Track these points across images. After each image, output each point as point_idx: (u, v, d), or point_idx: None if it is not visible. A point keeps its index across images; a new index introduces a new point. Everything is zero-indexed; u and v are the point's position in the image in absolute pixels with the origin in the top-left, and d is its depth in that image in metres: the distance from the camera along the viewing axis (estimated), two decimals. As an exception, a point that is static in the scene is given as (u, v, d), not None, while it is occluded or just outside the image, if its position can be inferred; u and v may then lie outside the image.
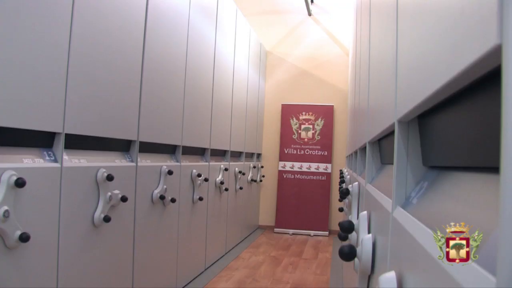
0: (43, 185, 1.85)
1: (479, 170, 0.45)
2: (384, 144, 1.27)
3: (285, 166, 6.63)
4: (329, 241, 6.04)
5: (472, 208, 0.42)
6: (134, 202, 2.66)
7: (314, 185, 6.52)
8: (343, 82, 6.53)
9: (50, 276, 1.91)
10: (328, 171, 6.52)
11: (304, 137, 6.60)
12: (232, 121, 4.99)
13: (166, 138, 3.16)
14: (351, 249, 0.94)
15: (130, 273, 2.65)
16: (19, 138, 1.80)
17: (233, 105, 5.00)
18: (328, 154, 6.54)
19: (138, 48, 2.66)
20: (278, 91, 6.81)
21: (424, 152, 0.69)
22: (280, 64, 6.84)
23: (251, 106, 5.93)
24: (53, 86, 1.90)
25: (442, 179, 0.58)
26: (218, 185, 4.44)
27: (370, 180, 1.40)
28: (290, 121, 6.64)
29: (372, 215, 1.07)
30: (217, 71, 4.29)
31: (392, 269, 0.59)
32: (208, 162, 4.13)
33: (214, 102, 4.22)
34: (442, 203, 0.52)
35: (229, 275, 4.14)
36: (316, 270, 4.49)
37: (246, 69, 5.56)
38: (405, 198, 0.70)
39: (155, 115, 2.92)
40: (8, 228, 1.61)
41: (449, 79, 0.39)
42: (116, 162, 2.48)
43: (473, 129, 0.46)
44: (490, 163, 0.40)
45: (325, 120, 6.56)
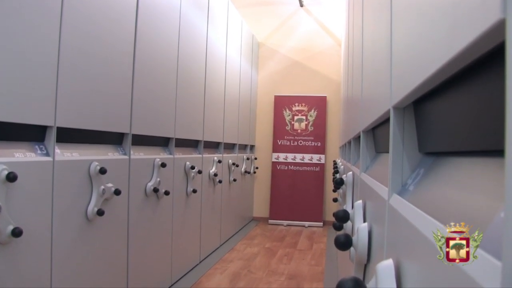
0: (35, 179, 1.84)
1: (476, 154, 0.44)
2: (379, 132, 1.26)
3: (278, 157, 6.62)
4: (324, 232, 6.05)
5: (470, 192, 0.41)
6: (128, 195, 2.64)
7: (308, 176, 6.53)
8: (336, 73, 6.53)
9: (44, 270, 1.90)
10: (321, 162, 6.52)
11: (297, 128, 6.60)
12: (225, 113, 4.98)
13: (159, 131, 3.14)
14: (347, 238, 0.93)
15: (124, 266, 2.64)
16: (10, 132, 1.78)
17: (226, 97, 4.99)
18: (321, 145, 6.54)
19: (129, 40, 2.63)
20: (271, 82, 6.79)
21: (420, 138, 0.68)
22: (273, 55, 6.82)
23: (244, 98, 5.92)
24: (43, 79, 1.88)
25: (439, 165, 0.57)
26: (211, 177, 4.43)
27: (364, 169, 1.39)
28: (283, 112, 6.63)
29: (367, 204, 1.06)
30: (209, 63, 4.27)
31: (389, 257, 0.58)
32: (202, 154, 4.11)
33: (207, 94, 4.20)
34: (440, 189, 0.51)
35: (224, 267, 4.14)
36: (311, 261, 4.49)
37: (238, 61, 5.54)
38: (401, 185, 0.69)
39: (147, 108, 2.90)
40: (0, 223, 1.60)
41: (447, 60, 0.38)
42: (109, 155, 2.47)
43: (470, 113, 0.45)
44: (488, 147, 0.39)
45: (318, 111, 6.56)
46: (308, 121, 6.58)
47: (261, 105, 6.83)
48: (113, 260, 2.51)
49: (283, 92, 6.69)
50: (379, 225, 0.79)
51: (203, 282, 3.65)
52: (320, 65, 6.64)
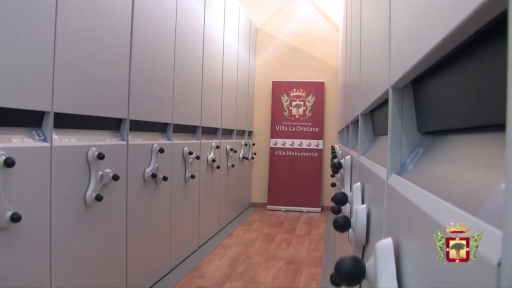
0: (33, 165, 1.84)
1: (475, 131, 0.44)
2: (377, 115, 1.25)
3: (276, 143, 6.62)
4: (322, 218, 6.07)
5: (470, 167, 0.41)
6: (126, 181, 2.64)
7: (306, 162, 6.53)
8: (334, 58, 6.51)
9: (43, 256, 1.91)
10: (319, 147, 6.52)
11: (295, 114, 6.59)
12: (223, 99, 4.97)
13: (157, 116, 3.14)
14: (346, 220, 0.93)
15: (123, 252, 2.65)
16: (7, 118, 1.77)
17: (224, 83, 4.97)
18: (319, 130, 6.53)
19: (126, 25, 2.62)
20: (269, 68, 6.77)
21: (419, 118, 0.68)
22: (270, 41, 6.79)
23: (242, 83, 5.90)
24: (40, 64, 1.87)
25: (438, 144, 0.57)
26: (210, 163, 4.43)
27: (363, 153, 1.39)
28: (281, 98, 6.62)
29: (366, 186, 1.06)
30: (207, 49, 4.25)
31: (388, 237, 0.58)
32: (200, 140, 4.11)
33: (204, 80, 4.19)
34: (439, 166, 0.51)
35: (222, 252, 4.15)
36: (309, 246, 4.51)
37: (236, 46, 5.52)
38: (400, 165, 0.69)
39: (145, 93, 2.89)
40: (-2, 209, 1.60)
41: (447, 33, 0.38)
42: (106, 141, 2.46)
43: (470, 89, 0.45)
44: (488, 122, 0.39)
45: (316, 96, 6.55)
46: (306, 107, 6.57)
47: (259, 90, 6.81)
48: (112, 245, 2.52)
49: (281, 77, 6.67)
50: (378, 206, 0.79)
51: (202, 267, 3.67)
52: (318, 51, 6.62)
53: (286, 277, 3.49)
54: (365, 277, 0.58)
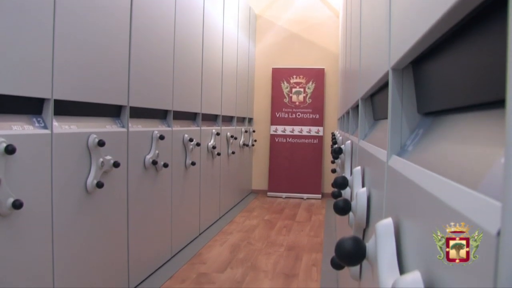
0: (34, 152, 1.84)
1: (475, 109, 0.44)
2: (377, 99, 1.25)
3: (276, 130, 6.62)
4: (322, 204, 6.09)
5: (470, 145, 0.41)
6: (127, 168, 2.65)
7: (306, 149, 6.54)
8: (334, 44, 6.48)
9: (45, 242, 1.91)
10: (320, 134, 6.52)
11: (295, 100, 6.58)
12: (223, 86, 4.96)
13: (157, 103, 3.14)
14: (346, 203, 0.94)
15: (125, 238, 2.66)
16: (7, 105, 1.77)
17: (223, 70, 4.96)
18: (319, 117, 6.53)
19: (125, 12, 2.61)
20: (269, 55, 6.75)
21: (419, 99, 0.68)
22: (270, 27, 6.76)
23: (242, 70, 5.89)
24: (39, 50, 1.87)
25: (438, 124, 0.57)
26: (210, 150, 4.43)
27: (363, 137, 1.39)
28: (281, 85, 6.61)
29: (366, 169, 1.06)
30: (206, 36, 4.24)
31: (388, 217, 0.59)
32: (200, 127, 4.11)
33: (204, 67, 4.18)
34: (439, 145, 0.51)
35: (223, 239, 4.17)
36: (310, 232, 4.53)
37: (235, 33, 5.50)
38: (400, 147, 0.69)
39: (144, 80, 2.89)
40: (0, 196, 1.60)
41: (445, 11, 0.38)
42: (107, 127, 2.46)
43: (469, 67, 0.45)
44: (488, 98, 0.39)
45: (316, 83, 6.53)
46: (306, 94, 6.57)
47: (259, 77, 6.80)
48: (113, 232, 2.53)
49: (281, 64, 6.65)
50: (378, 188, 0.79)
51: (203, 253, 3.69)
52: (318, 37, 6.60)
53: (287, 263, 3.50)
54: (365, 257, 0.59)
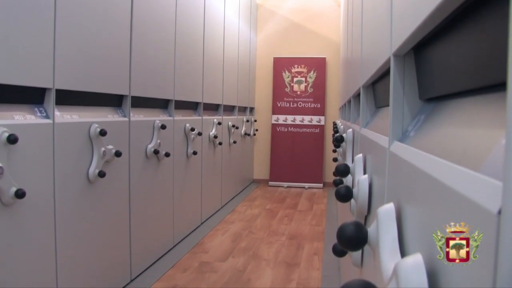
0: (35, 141, 1.84)
1: (477, 93, 0.44)
2: (379, 87, 1.25)
3: (278, 119, 6.62)
4: (324, 193, 6.10)
5: (472, 128, 0.41)
6: (128, 157, 2.65)
7: (307, 138, 6.54)
8: (335, 33, 6.46)
9: (47, 231, 1.92)
10: (321, 123, 6.52)
11: (296, 90, 6.57)
12: (224, 75, 4.95)
13: (158, 93, 3.14)
14: (347, 190, 0.94)
15: (127, 228, 2.67)
16: (9, 95, 1.77)
17: (225, 59, 4.95)
18: (321, 106, 6.53)
19: (127, 2, 2.60)
20: (270, 44, 6.74)
21: (421, 85, 0.68)
22: (271, 17, 6.74)
23: (243, 60, 5.88)
24: (40, 40, 1.87)
25: (440, 110, 0.57)
26: (211, 139, 4.44)
27: (365, 125, 1.39)
28: (282, 74, 6.60)
29: (367, 157, 1.07)
30: (208, 25, 4.22)
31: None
32: (201, 116, 4.11)
33: (206, 56, 4.17)
34: (441, 130, 0.51)
35: (225, 228, 4.18)
36: (312, 221, 4.54)
37: (237, 23, 5.48)
38: (402, 133, 0.69)
39: (146, 69, 2.88)
40: (3, 185, 1.61)
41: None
42: (108, 117, 2.46)
43: (470, 51, 0.45)
44: (489, 82, 0.39)
45: (318, 72, 6.52)
46: (307, 83, 6.56)
47: (260, 67, 6.79)
48: (115, 221, 2.54)
49: (282, 53, 6.64)
50: (380, 175, 0.80)
51: (205, 242, 3.70)
52: (319, 26, 6.58)
53: (288, 252, 3.52)
54: (367, 242, 0.59)
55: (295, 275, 3.03)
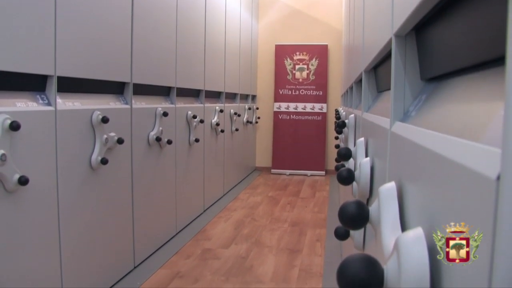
0: (38, 128, 1.85)
1: (477, 69, 0.44)
2: (380, 71, 1.25)
3: (280, 107, 6.61)
4: (326, 181, 6.10)
5: (471, 103, 0.41)
6: (131, 145, 2.66)
7: (309, 125, 6.53)
8: (337, 20, 6.43)
9: (51, 218, 1.93)
10: (323, 111, 6.51)
11: (298, 77, 6.56)
12: (226, 63, 4.94)
13: (160, 80, 3.13)
14: (349, 173, 0.94)
15: (130, 215, 2.68)
16: (11, 82, 1.77)
17: (226, 47, 4.94)
18: (323, 94, 6.52)
19: (126, -13, 2.59)
20: (271, 31, 6.71)
21: (422, 65, 0.68)
22: (273, 4, 6.71)
23: (245, 47, 5.86)
24: (41, 27, 1.86)
25: (441, 89, 0.57)
26: (213, 127, 4.44)
27: (366, 109, 1.39)
28: (284, 61, 6.58)
29: (369, 140, 1.07)
30: (209, 11, 4.21)
31: (391, 182, 0.59)
32: (203, 103, 4.11)
33: (207, 44, 4.16)
34: (442, 108, 0.51)
35: (228, 215, 4.20)
36: (314, 208, 4.55)
37: (238, 10, 5.46)
38: (403, 113, 0.69)
39: (147, 57, 2.88)
40: (6, 172, 1.62)
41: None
42: (110, 104, 2.47)
43: (470, 28, 0.45)
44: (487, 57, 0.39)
45: (320, 59, 6.51)
46: (309, 70, 6.54)
47: (262, 54, 6.77)
48: (118, 208, 2.55)
49: (284, 41, 6.62)
50: (381, 157, 0.80)
51: (207, 230, 3.71)
52: (321, 13, 6.55)
53: (291, 239, 3.53)
54: (368, 221, 0.59)
55: (298, 261, 3.04)
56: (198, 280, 2.68)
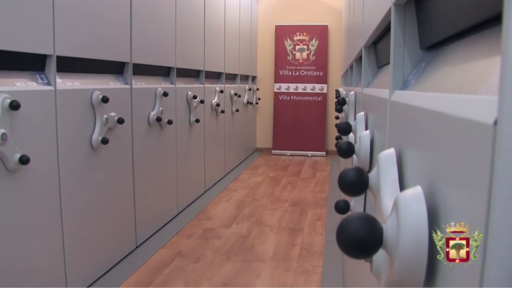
0: (38, 108, 1.85)
1: (476, 31, 0.44)
2: (380, 46, 1.25)
3: (280, 88, 6.60)
4: (327, 161, 6.11)
5: (470, 65, 0.41)
6: (131, 124, 2.66)
7: (310, 106, 6.53)
8: (337, 1, 6.39)
9: (53, 198, 1.94)
10: (324, 91, 6.50)
11: (299, 58, 6.54)
12: (226, 43, 4.92)
13: (160, 60, 3.12)
14: (349, 146, 0.94)
15: (131, 195, 2.69)
16: (10, 61, 1.77)
17: (226, 27, 4.92)
18: (323, 74, 6.50)
19: (125, -34, 2.58)
20: (271, 12, 6.67)
21: (421, 34, 0.68)
22: (272, -16, 6.66)
23: (245, 28, 5.83)
24: (40, 6, 1.85)
25: (440, 55, 0.57)
26: (214, 108, 4.43)
27: (366, 85, 1.39)
28: (284, 42, 6.56)
29: (369, 114, 1.07)
30: (208, -9, 4.18)
31: (390, 150, 0.59)
32: (203, 84, 4.10)
33: (207, 24, 4.14)
34: (440, 73, 0.51)
35: (229, 195, 4.21)
36: (315, 188, 4.56)
37: (237, -10, 5.42)
38: (402, 82, 0.69)
39: (147, 37, 2.87)
40: (7, 151, 1.62)
41: None
42: (110, 84, 2.46)
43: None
44: (486, 15, 0.39)
45: (320, 40, 6.48)
46: (309, 51, 6.52)
47: (262, 35, 6.74)
48: (119, 188, 2.56)
49: (284, 21, 6.58)
50: (381, 127, 0.80)
51: (209, 210, 3.73)
52: (321, -7, 6.51)
53: (291, 218, 3.54)
54: (368, 187, 0.60)
55: (299, 240, 3.06)
56: (200, 259, 2.70)
